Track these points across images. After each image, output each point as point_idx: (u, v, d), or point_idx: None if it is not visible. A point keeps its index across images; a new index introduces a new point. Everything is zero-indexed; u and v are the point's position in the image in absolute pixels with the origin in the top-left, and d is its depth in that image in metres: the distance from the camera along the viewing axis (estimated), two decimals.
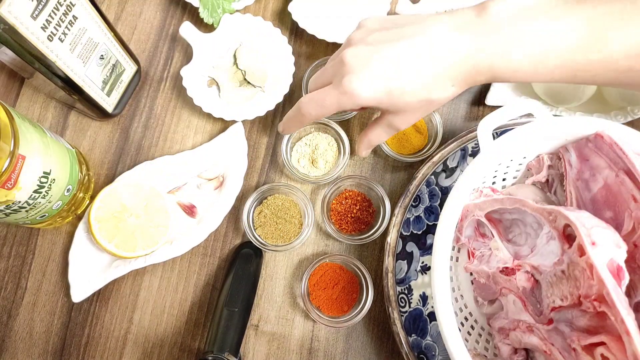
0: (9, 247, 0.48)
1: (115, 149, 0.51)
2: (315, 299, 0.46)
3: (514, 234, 0.39)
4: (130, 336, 0.47)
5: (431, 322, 0.43)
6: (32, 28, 0.36)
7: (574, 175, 0.37)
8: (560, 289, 0.32)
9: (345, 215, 0.48)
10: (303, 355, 0.47)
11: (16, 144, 0.36)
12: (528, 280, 0.35)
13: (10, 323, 0.47)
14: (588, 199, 0.36)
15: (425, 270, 0.44)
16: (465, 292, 0.42)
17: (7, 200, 0.37)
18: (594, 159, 0.35)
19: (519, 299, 0.37)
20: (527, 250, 0.37)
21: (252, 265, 0.47)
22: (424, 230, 0.45)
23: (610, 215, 0.34)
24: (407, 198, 0.47)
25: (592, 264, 0.28)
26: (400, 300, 0.44)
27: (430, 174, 0.46)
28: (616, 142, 0.34)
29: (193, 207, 0.49)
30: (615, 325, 0.27)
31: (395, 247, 0.46)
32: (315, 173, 0.50)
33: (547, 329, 0.34)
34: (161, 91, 0.53)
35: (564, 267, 0.31)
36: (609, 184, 0.35)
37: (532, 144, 0.37)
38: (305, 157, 0.50)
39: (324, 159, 0.49)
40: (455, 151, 0.46)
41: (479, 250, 0.40)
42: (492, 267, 0.38)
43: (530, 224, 0.37)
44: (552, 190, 0.40)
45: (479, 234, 0.41)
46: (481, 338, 0.41)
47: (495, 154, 0.35)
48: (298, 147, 0.50)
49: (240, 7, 0.54)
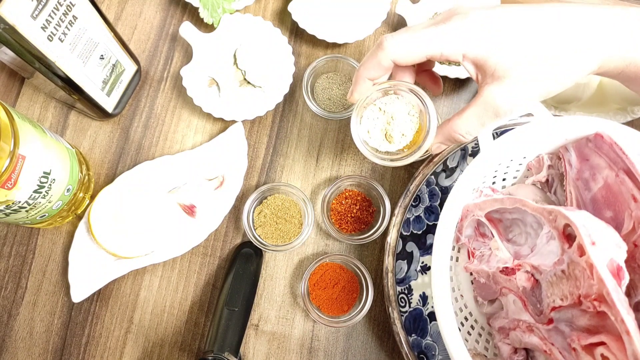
0: (9, 247, 0.49)
1: (115, 149, 0.51)
2: (315, 299, 0.46)
3: (514, 234, 0.39)
4: (130, 336, 0.47)
5: (431, 322, 0.43)
6: (32, 28, 0.36)
7: (574, 175, 0.37)
8: (560, 289, 0.32)
9: (345, 215, 0.48)
10: (303, 355, 0.47)
11: (16, 144, 0.36)
12: (528, 280, 0.35)
13: (11, 323, 0.47)
14: (588, 199, 0.36)
15: (426, 270, 0.44)
16: (465, 291, 0.42)
17: (7, 200, 0.37)
18: (594, 159, 0.35)
19: (519, 298, 0.37)
20: (527, 250, 0.37)
21: (252, 265, 0.47)
22: (424, 230, 0.45)
23: (610, 214, 0.34)
24: (407, 198, 0.47)
25: (592, 263, 0.28)
26: (400, 300, 0.44)
27: (430, 174, 0.47)
28: (616, 142, 0.34)
29: (193, 207, 0.49)
30: (615, 325, 0.27)
31: (395, 247, 0.46)
32: (387, 148, 0.38)
33: (547, 329, 0.34)
34: (161, 91, 0.53)
35: (564, 266, 0.31)
36: (609, 184, 0.35)
37: (532, 144, 0.37)
38: (377, 128, 0.38)
39: (400, 130, 0.38)
40: (455, 151, 0.46)
41: (479, 250, 0.40)
42: (492, 267, 0.38)
43: (530, 223, 0.37)
44: (552, 190, 0.40)
45: (479, 233, 0.41)
46: (481, 338, 0.41)
47: (495, 154, 0.35)
48: (369, 114, 0.38)
49: (240, 7, 0.54)
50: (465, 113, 0.33)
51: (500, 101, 0.31)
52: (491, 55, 0.30)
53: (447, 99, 0.53)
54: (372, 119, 0.38)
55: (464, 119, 0.33)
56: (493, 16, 0.30)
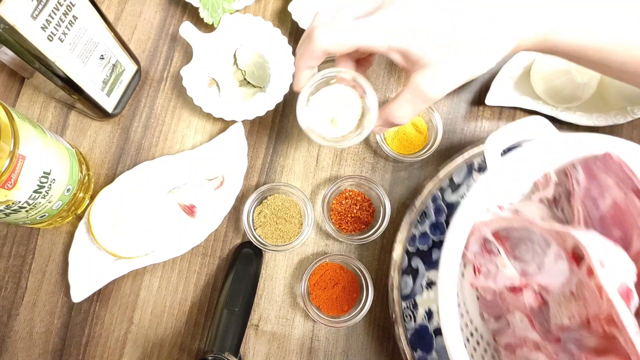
0: (9, 247, 0.48)
1: (115, 149, 0.51)
2: (315, 299, 0.46)
3: (520, 251, 0.38)
4: (130, 336, 0.47)
5: (436, 337, 0.43)
6: (32, 28, 0.36)
7: (581, 193, 0.36)
8: (568, 309, 0.31)
9: (345, 215, 0.48)
10: (303, 355, 0.47)
11: (16, 144, 0.36)
12: (536, 299, 0.35)
13: (11, 323, 0.47)
14: (596, 218, 0.36)
15: (431, 285, 0.44)
16: (470, 307, 0.41)
17: (7, 200, 0.37)
18: (602, 178, 0.35)
19: (526, 317, 0.36)
20: (534, 267, 0.36)
21: (252, 265, 0.47)
22: (430, 246, 0.45)
23: (619, 234, 0.34)
24: (412, 214, 0.46)
25: (601, 285, 0.28)
26: (406, 316, 0.44)
27: (436, 189, 0.46)
28: (625, 161, 0.33)
29: (193, 207, 0.49)
30: (624, 346, 0.27)
31: (401, 263, 0.45)
32: (334, 134, 0.40)
33: (555, 348, 0.33)
34: (161, 91, 0.53)
35: (572, 287, 0.31)
36: (618, 203, 0.34)
37: (539, 162, 0.37)
38: (322, 115, 0.40)
39: (345, 117, 0.40)
40: (461, 167, 0.46)
41: (485, 266, 0.39)
42: (498, 285, 0.37)
43: (538, 241, 0.36)
44: (559, 208, 0.39)
45: (485, 250, 0.40)
46: (487, 354, 0.40)
47: (502, 173, 0.34)
48: (315, 102, 0.40)
49: (240, 7, 0.54)
50: (398, 99, 0.35)
51: (427, 87, 0.33)
52: (413, 45, 0.31)
53: (447, 99, 0.53)
54: (318, 107, 0.40)
55: (397, 104, 0.35)
56: (411, 7, 0.32)
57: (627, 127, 0.52)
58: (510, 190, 0.40)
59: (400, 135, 0.50)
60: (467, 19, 0.31)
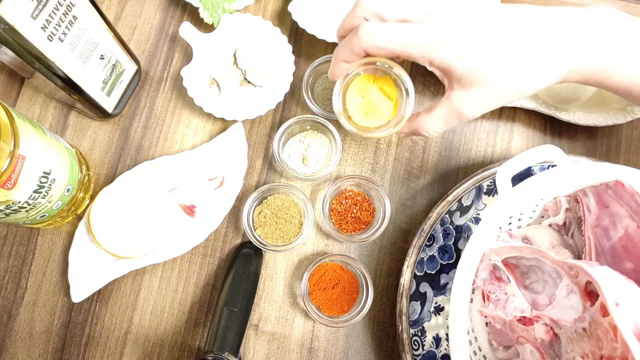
0: (9, 247, 0.49)
1: (115, 149, 0.51)
2: (315, 299, 0.46)
3: (531, 280, 0.38)
4: (130, 336, 0.47)
5: None
6: (32, 28, 0.36)
7: (592, 221, 0.36)
8: (581, 346, 0.31)
9: (345, 215, 0.48)
10: (303, 355, 0.47)
11: (16, 144, 0.36)
12: (547, 333, 0.34)
13: (11, 323, 0.47)
14: (607, 248, 0.35)
15: (439, 310, 0.43)
16: (479, 334, 0.41)
17: (7, 200, 0.37)
18: (614, 207, 0.34)
19: (536, 349, 0.36)
20: (545, 298, 0.36)
21: (252, 265, 0.47)
22: (438, 270, 0.44)
23: (631, 266, 0.33)
24: (421, 238, 0.46)
25: (615, 325, 0.27)
26: (414, 342, 0.43)
27: (444, 213, 0.46)
28: (637, 191, 0.33)
29: (193, 207, 0.49)
30: None
31: (409, 289, 0.45)
32: (304, 170, 0.50)
33: None
34: (161, 91, 0.53)
35: (585, 324, 0.30)
36: (630, 234, 0.33)
37: (550, 189, 0.37)
38: (297, 154, 0.50)
39: (315, 157, 0.49)
40: (470, 190, 0.45)
41: (495, 294, 0.39)
42: (508, 314, 0.37)
43: (549, 272, 0.36)
44: (570, 234, 0.39)
45: (494, 277, 0.39)
46: None
47: (513, 203, 0.34)
48: (291, 143, 0.51)
49: (240, 7, 0.54)
50: (432, 113, 0.34)
51: (464, 107, 0.33)
52: (457, 64, 0.31)
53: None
54: (293, 147, 0.50)
55: (430, 118, 0.35)
56: (460, 21, 0.31)
57: (627, 127, 0.52)
58: (519, 214, 0.39)
59: (365, 105, 0.39)
60: (516, 46, 0.31)
